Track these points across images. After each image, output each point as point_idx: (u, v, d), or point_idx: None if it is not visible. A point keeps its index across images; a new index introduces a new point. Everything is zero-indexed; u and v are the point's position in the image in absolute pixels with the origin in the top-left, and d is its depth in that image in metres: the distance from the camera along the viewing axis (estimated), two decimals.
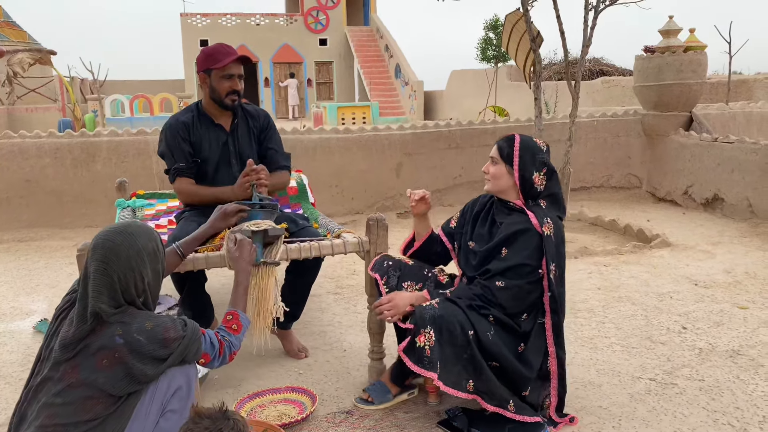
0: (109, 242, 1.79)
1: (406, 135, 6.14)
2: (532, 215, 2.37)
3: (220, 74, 2.83)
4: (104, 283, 1.75)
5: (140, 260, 1.80)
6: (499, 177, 2.44)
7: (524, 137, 2.47)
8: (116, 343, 1.73)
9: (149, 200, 4.18)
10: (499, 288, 2.32)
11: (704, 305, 3.69)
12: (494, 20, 14.77)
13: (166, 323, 1.81)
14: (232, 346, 2.01)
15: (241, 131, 3.00)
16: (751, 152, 5.61)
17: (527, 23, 5.02)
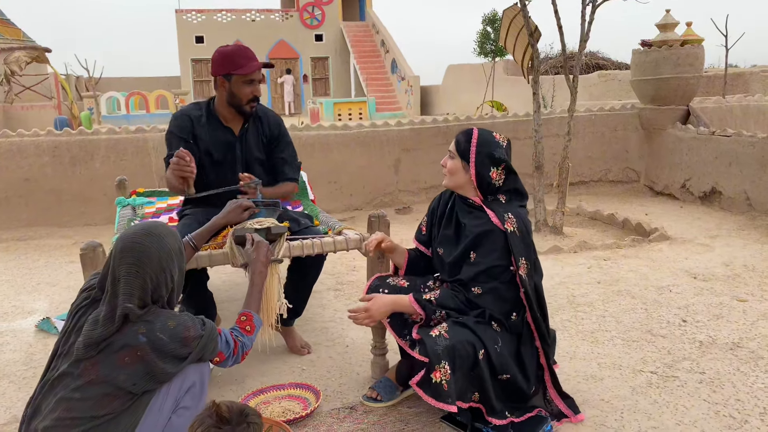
0: (138, 245, 1.81)
1: (404, 131, 6.15)
2: (491, 214, 2.34)
3: (242, 80, 2.75)
4: (137, 285, 1.79)
5: (170, 260, 1.84)
6: (455, 172, 2.41)
7: (483, 132, 2.41)
8: (139, 341, 1.76)
9: (149, 198, 4.18)
10: (478, 295, 2.31)
11: (703, 298, 3.71)
12: (492, 14, 14.77)
13: (186, 322, 1.84)
14: (244, 347, 2.03)
15: (251, 136, 2.93)
16: (748, 145, 5.63)
17: (525, 18, 5.02)
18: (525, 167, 6.68)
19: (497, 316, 2.31)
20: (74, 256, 5.03)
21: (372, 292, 2.51)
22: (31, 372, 2.97)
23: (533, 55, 5.15)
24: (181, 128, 2.84)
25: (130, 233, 1.86)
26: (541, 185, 5.37)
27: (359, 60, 23.41)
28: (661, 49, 6.49)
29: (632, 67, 6.90)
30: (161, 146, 5.60)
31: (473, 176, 2.38)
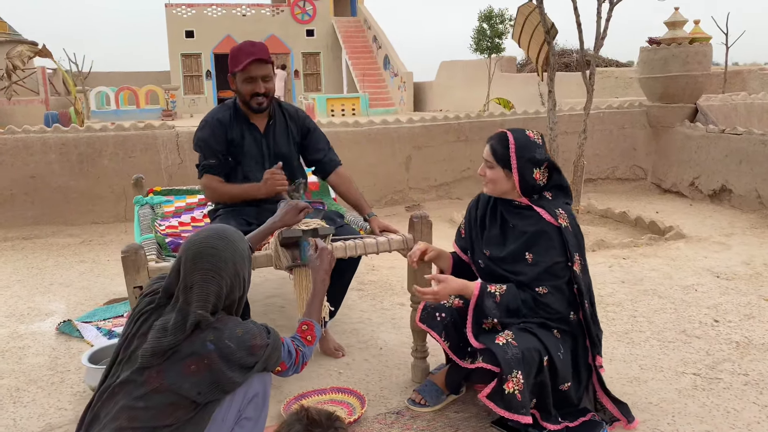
0: (212, 249, 1.75)
1: (416, 128, 6.09)
2: (542, 211, 2.29)
3: (242, 77, 2.74)
4: (212, 291, 1.73)
5: (243, 264, 1.79)
6: (497, 181, 2.33)
7: (517, 134, 2.33)
8: (208, 349, 1.69)
9: (167, 197, 4.10)
10: (543, 294, 2.26)
11: (730, 298, 3.70)
12: (489, 11, 14.73)
13: (253, 330, 1.78)
14: (305, 357, 1.97)
15: (278, 132, 2.92)
16: (759, 143, 5.64)
17: (542, 15, 4.98)
18: None
19: (559, 319, 2.26)
20: (84, 255, 4.93)
21: (426, 314, 2.43)
22: (59, 377, 2.89)
23: (549, 52, 5.11)
24: (217, 138, 2.82)
25: (200, 238, 1.78)
26: None
27: (351, 56, 23.30)
28: (670, 46, 6.49)
29: (640, 65, 6.89)
30: (171, 143, 5.51)
31: (517, 182, 2.31)
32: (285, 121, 2.95)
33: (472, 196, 2.65)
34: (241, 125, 2.86)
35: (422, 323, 2.41)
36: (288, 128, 2.95)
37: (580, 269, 2.30)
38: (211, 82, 24.53)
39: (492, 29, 14.62)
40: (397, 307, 3.69)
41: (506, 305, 2.25)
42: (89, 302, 3.90)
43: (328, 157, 3.02)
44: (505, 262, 2.38)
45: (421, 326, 2.41)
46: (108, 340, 3.26)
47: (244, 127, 2.86)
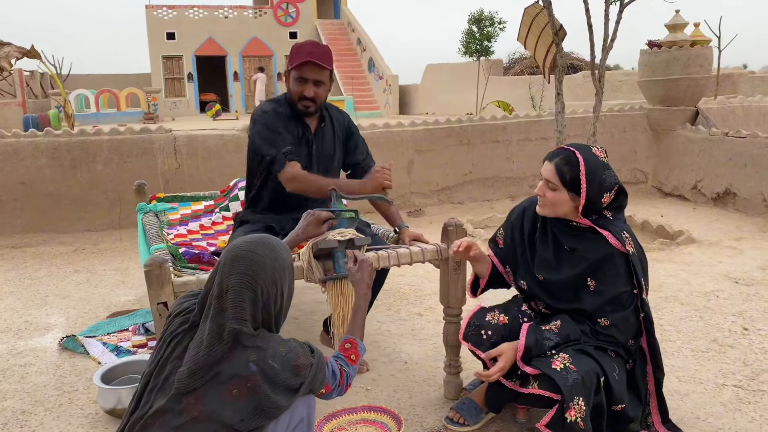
0: (251, 253, 1.61)
1: (418, 131, 5.97)
2: (608, 235, 2.12)
3: (296, 76, 2.61)
4: (248, 298, 1.58)
5: (283, 274, 1.64)
6: (559, 204, 2.15)
7: (586, 154, 2.12)
8: (250, 370, 1.54)
9: (171, 204, 3.93)
10: (606, 326, 2.13)
11: (754, 304, 3.63)
12: (479, 14, 14.68)
13: (297, 348, 1.63)
14: (349, 377, 1.84)
15: (327, 136, 2.80)
16: (765, 147, 5.62)
17: (550, 16, 4.90)
18: (534, 168, 6.59)
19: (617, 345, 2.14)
20: (78, 264, 4.72)
21: (471, 331, 2.28)
22: (66, 398, 2.71)
23: (557, 54, 5.03)
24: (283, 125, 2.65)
25: (241, 242, 1.66)
26: None
27: (335, 58, 23.04)
28: (671, 49, 6.46)
29: (640, 68, 6.85)
30: (168, 148, 5.32)
31: (582, 205, 2.12)
32: (332, 124, 2.82)
33: (475, 201, 2.52)
34: (294, 122, 2.72)
35: (467, 341, 2.27)
36: (335, 131, 2.83)
37: (647, 295, 2.17)
38: (193, 84, 24.19)
39: (481, 32, 14.57)
40: (415, 318, 3.56)
41: (566, 335, 2.13)
42: (89, 315, 3.70)
43: (366, 162, 2.91)
44: (562, 289, 2.22)
45: (465, 344, 2.28)
46: (115, 356, 3.08)
47: (298, 126, 2.72)
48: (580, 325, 2.16)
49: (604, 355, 2.12)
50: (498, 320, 2.27)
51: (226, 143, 5.45)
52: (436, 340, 3.24)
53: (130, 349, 3.16)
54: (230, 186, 3.99)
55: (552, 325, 2.17)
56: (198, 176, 5.39)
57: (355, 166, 2.95)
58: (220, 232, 3.48)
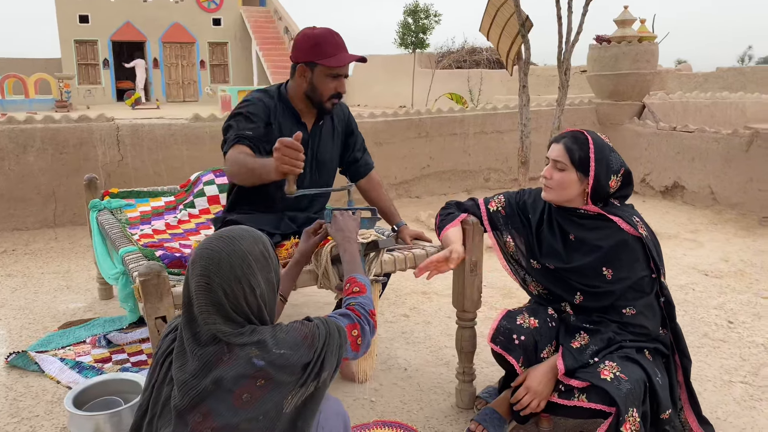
0: (206, 251, 1.40)
1: (378, 123, 5.77)
2: (619, 220, 2.08)
3: (328, 72, 2.28)
4: (210, 301, 1.36)
5: (247, 267, 1.40)
6: (566, 186, 2.08)
7: (594, 135, 2.12)
8: (257, 366, 1.35)
9: (127, 200, 3.55)
10: (632, 316, 2.06)
11: (730, 297, 3.69)
12: (414, 6, 14.58)
13: (293, 324, 1.47)
14: (362, 305, 1.68)
15: (325, 133, 2.49)
16: (712, 141, 5.79)
17: (517, 8, 4.81)
18: (490, 162, 6.54)
19: (651, 338, 2.05)
20: (10, 267, 4.23)
21: (500, 336, 2.11)
22: (26, 426, 2.35)
23: (522, 46, 4.96)
24: (257, 115, 2.31)
25: (202, 242, 1.45)
26: (527, 181, 5.22)
27: (262, 46, 22.49)
28: (621, 44, 6.56)
29: (589, 63, 6.94)
30: (110, 138, 4.86)
31: (590, 187, 2.08)
32: (332, 120, 2.53)
33: (432, 195, 2.40)
34: (288, 120, 2.39)
35: (497, 345, 2.11)
36: (334, 129, 2.53)
37: (664, 279, 2.12)
38: (109, 71, 22.87)
39: (417, 24, 14.49)
40: (401, 320, 3.37)
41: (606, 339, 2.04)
42: (35, 326, 3.28)
43: (363, 160, 2.67)
44: (576, 275, 2.15)
45: (495, 348, 2.11)
46: (77, 374, 2.72)
47: (291, 122, 2.39)
48: (605, 327, 2.07)
49: (645, 359, 2.02)
50: (529, 324, 2.13)
51: (175, 134, 5.04)
52: (429, 343, 3.08)
53: (93, 365, 2.81)
54: (191, 180, 3.66)
55: (579, 339, 2.07)
56: (144, 169, 4.97)
57: (351, 164, 2.70)
58: (189, 231, 3.16)
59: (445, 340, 3.10)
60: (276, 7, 23.90)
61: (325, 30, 2.32)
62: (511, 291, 3.78)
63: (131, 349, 2.98)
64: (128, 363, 2.84)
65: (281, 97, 2.40)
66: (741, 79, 10.48)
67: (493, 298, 3.65)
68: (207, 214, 3.38)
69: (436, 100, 9.62)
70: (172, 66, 23.83)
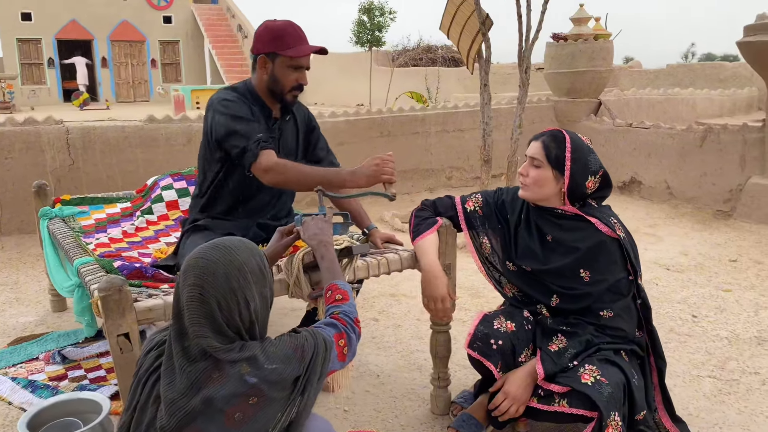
0: (201, 260, 1.34)
1: (339, 123, 5.69)
2: (596, 221, 2.07)
3: (289, 63, 2.23)
4: (202, 313, 1.30)
5: (243, 279, 1.34)
6: (542, 184, 2.07)
7: (572, 135, 2.12)
8: (249, 383, 1.30)
9: (80, 207, 3.39)
10: (610, 318, 2.05)
11: (693, 291, 3.75)
12: (369, 3, 14.49)
13: (281, 338, 1.42)
14: (347, 314, 1.62)
15: (289, 130, 2.45)
16: (667, 137, 5.91)
17: (477, 5, 4.79)
18: (451, 160, 6.54)
19: (627, 339, 2.04)
20: None
21: (477, 342, 2.07)
22: None
23: (482, 45, 4.95)
24: (251, 113, 2.27)
25: (196, 250, 1.38)
26: (489, 179, 5.22)
27: (215, 45, 22.07)
28: (577, 42, 6.64)
29: (546, 60, 7.00)
30: (59, 142, 4.64)
31: (566, 187, 2.07)
32: (294, 116, 2.48)
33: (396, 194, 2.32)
34: (260, 114, 2.34)
35: (474, 351, 2.06)
36: (297, 124, 2.49)
37: (642, 280, 2.12)
38: (54, 71, 22.06)
39: (372, 22, 14.42)
40: (371, 324, 3.31)
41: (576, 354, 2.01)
42: None
43: (328, 160, 2.61)
44: (552, 277, 2.13)
45: (473, 354, 2.07)
46: (30, 393, 2.57)
47: (263, 117, 2.35)
48: (582, 329, 2.06)
49: (622, 360, 2.01)
50: (506, 328, 2.09)
51: (128, 136, 4.86)
52: (400, 347, 3.03)
53: (48, 383, 2.66)
54: (148, 185, 3.51)
55: (557, 342, 2.05)
56: (96, 174, 4.76)
57: (315, 163, 2.64)
58: (148, 239, 3.03)
59: (416, 343, 3.05)
60: (229, 5, 23.49)
61: (286, 22, 2.29)
62: (479, 291, 3.77)
63: (88, 364, 2.83)
64: (86, 380, 2.69)
65: (251, 93, 2.35)
66: (690, 76, 10.77)
67: (462, 298, 3.62)
68: (166, 221, 3.25)
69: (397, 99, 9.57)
70: (121, 65, 23.15)
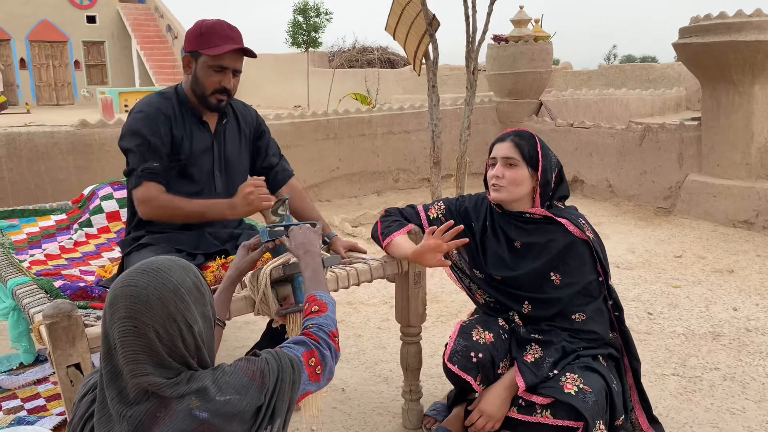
0: (130, 288, 1.17)
1: (284, 125, 5.52)
2: (566, 222, 2.05)
3: (211, 63, 2.09)
4: (139, 347, 1.14)
5: (180, 302, 1.18)
6: (519, 182, 2.03)
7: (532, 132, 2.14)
8: (200, 419, 1.15)
9: (9, 220, 3.12)
10: (583, 321, 2.02)
11: (645, 287, 3.81)
12: (303, 4, 14.28)
13: (236, 366, 1.26)
14: (321, 327, 1.48)
15: (230, 135, 2.28)
16: (608, 136, 6.05)
17: (423, 6, 4.75)
18: (398, 162, 6.48)
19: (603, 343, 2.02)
20: None
21: (457, 356, 2.00)
22: None
23: (429, 47, 4.91)
24: (160, 133, 2.10)
25: (120, 278, 1.20)
26: (439, 181, 5.19)
27: (143, 46, 21.29)
28: (518, 44, 6.71)
29: (488, 61, 7.05)
30: None
31: (538, 183, 2.05)
32: (236, 120, 2.32)
33: (342, 198, 2.34)
34: (189, 121, 2.18)
35: (455, 365, 1.98)
36: (240, 129, 2.33)
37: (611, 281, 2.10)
38: None
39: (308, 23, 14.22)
40: None
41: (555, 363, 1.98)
42: None
43: (281, 166, 2.47)
44: (523, 287, 2.08)
45: (453, 368, 1.98)
46: None
47: (193, 125, 2.19)
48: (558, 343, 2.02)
49: (601, 366, 1.98)
50: (485, 339, 2.03)
51: (58, 143, 4.54)
52: (363, 358, 2.93)
53: None
54: (85, 195, 3.27)
55: (532, 351, 2.01)
56: (23, 183, 4.43)
57: (267, 171, 2.49)
58: (89, 254, 2.80)
59: (380, 353, 2.95)
60: (157, 5, 22.72)
61: (217, 21, 2.15)
62: (437, 295, 3.71)
63: (25, 393, 2.60)
64: (23, 411, 2.46)
65: (179, 98, 2.20)
66: (621, 76, 11.13)
67: None
68: (107, 233, 3.03)
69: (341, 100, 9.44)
70: (42, 66, 22.00)
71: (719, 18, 4.81)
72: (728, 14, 4.78)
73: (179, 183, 2.15)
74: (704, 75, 5.13)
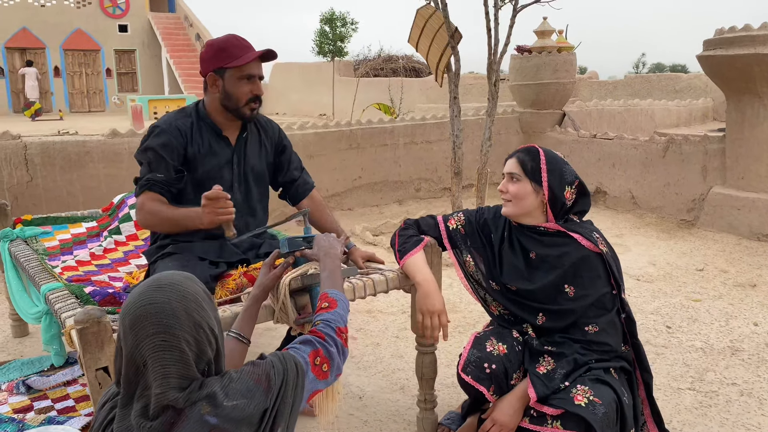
0: (152, 306, 1.21)
1: (308, 135, 5.62)
2: (579, 237, 2.09)
3: (239, 75, 2.18)
4: (173, 360, 1.20)
5: (201, 309, 1.25)
6: (523, 197, 2.09)
7: (545, 149, 2.17)
8: (210, 424, 1.20)
9: (43, 227, 3.25)
10: (595, 333, 2.05)
11: (664, 301, 3.80)
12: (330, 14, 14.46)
13: (242, 372, 1.31)
14: (328, 323, 1.56)
15: (251, 147, 2.36)
16: (631, 148, 6.03)
17: (446, 18, 4.81)
18: (420, 172, 6.53)
19: (615, 355, 2.04)
20: None
21: (471, 366, 2.04)
22: None
23: (452, 58, 4.96)
24: (173, 149, 2.21)
25: (134, 300, 1.24)
26: (460, 191, 5.23)
27: (173, 54, 21.70)
28: (541, 54, 6.73)
29: (511, 72, 7.08)
30: (16, 157, 4.44)
31: (547, 199, 2.09)
32: (258, 133, 2.41)
33: (364, 206, 2.40)
34: (207, 136, 2.27)
35: (468, 375, 2.03)
36: (261, 143, 2.41)
37: (625, 295, 2.12)
38: (4, 80, 21.34)
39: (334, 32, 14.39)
40: (349, 342, 3.24)
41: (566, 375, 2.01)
42: None
43: (302, 179, 2.55)
44: (537, 299, 2.12)
45: (467, 379, 2.03)
46: None
47: (212, 139, 2.28)
48: (569, 346, 2.06)
49: (613, 378, 2.01)
50: (499, 350, 2.07)
51: (90, 151, 4.69)
52: (380, 366, 2.98)
53: (12, 416, 2.51)
54: (114, 203, 3.40)
55: (544, 363, 2.04)
56: (56, 190, 4.59)
57: (289, 185, 2.57)
58: (117, 261, 2.91)
59: (397, 362, 3.00)
60: (186, 14, 23.15)
61: (228, 35, 2.26)
62: (456, 305, 3.75)
63: (55, 394, 2.70)
64: (53, 411, 2.56)
65: (199, 114, 2.29)
66: (647, 87, 11.05)
67: None
68: (135, 240, 3.14)
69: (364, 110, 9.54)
70: (75, 74, 22.55)
71: (744, 30, 4.78)
72: (753, 26, 4.75)
73: (197, 196, 2.22)
74: (729, 87, 5.10)
